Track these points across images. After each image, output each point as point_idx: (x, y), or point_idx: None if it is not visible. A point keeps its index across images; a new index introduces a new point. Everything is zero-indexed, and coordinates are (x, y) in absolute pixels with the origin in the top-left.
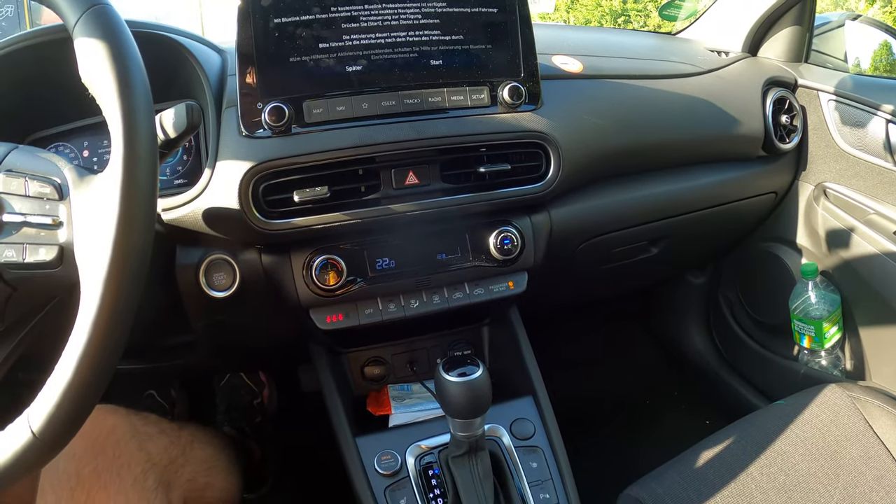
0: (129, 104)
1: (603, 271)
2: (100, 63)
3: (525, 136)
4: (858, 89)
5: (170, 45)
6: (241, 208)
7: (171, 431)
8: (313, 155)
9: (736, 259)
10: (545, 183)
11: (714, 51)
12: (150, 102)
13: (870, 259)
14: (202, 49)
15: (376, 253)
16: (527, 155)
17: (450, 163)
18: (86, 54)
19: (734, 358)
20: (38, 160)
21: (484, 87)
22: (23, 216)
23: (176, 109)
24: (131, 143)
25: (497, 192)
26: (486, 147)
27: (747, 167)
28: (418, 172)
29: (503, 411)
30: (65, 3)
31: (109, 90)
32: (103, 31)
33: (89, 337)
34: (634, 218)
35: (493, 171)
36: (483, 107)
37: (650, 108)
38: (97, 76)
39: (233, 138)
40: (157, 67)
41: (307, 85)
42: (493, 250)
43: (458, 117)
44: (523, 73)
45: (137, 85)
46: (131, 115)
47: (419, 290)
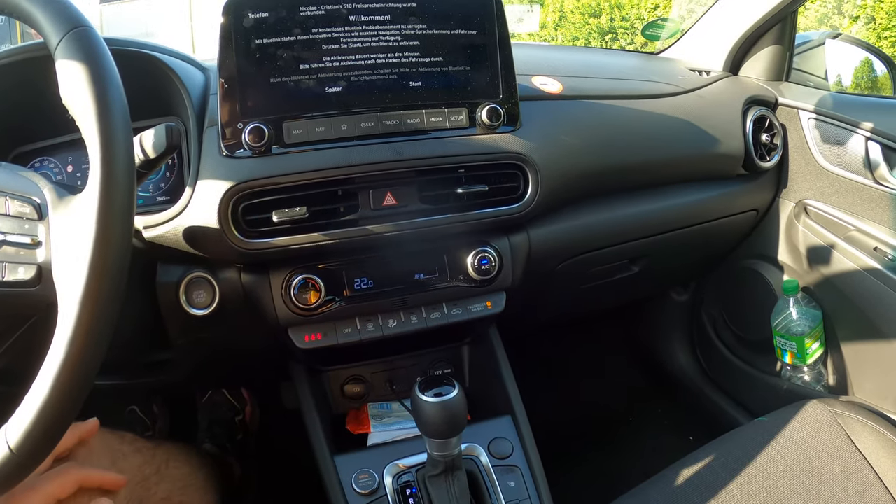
0: (107, 127)
1: (583, 290)
2: (79, 86)
3: (503, 157)
4: (838, 107)
5: (152, 63)
6: (221, 227)
7: (145, 450)
8: (292, 175)
9: (718, 276)
10: (523, 204)
11: (695, 70)
12: (128, 125)
13: (851, 275)
14: (185, 67)
15: (354, 273)
16: (505, 176)
17: (428, 184)
18: (66, 76)
19: (717, 374)
20: (19, 179)
21: (462, 109)
22: (2, 235)
23: (156, 130)
24: (109, 166)
25: (475, 213)
26: (464, 168)
27: (728, 185)
28: (396, 193)
29: (481, 430)
30: (47, 25)
31: (88, 113)
32: (84, 53)
33: (66, 355)
34: (614, 237)
35: (471, 192)
36: (461, 128)
37: (630, 129)
38: (76, 98)
39: (213, 157)
40: (140, 85)
41: (287, 106)
42: (470, 271)
43: (437, 138)
44: (502, 94)
45: (116, 108)
46: (109, 139)
47: (397, 310)
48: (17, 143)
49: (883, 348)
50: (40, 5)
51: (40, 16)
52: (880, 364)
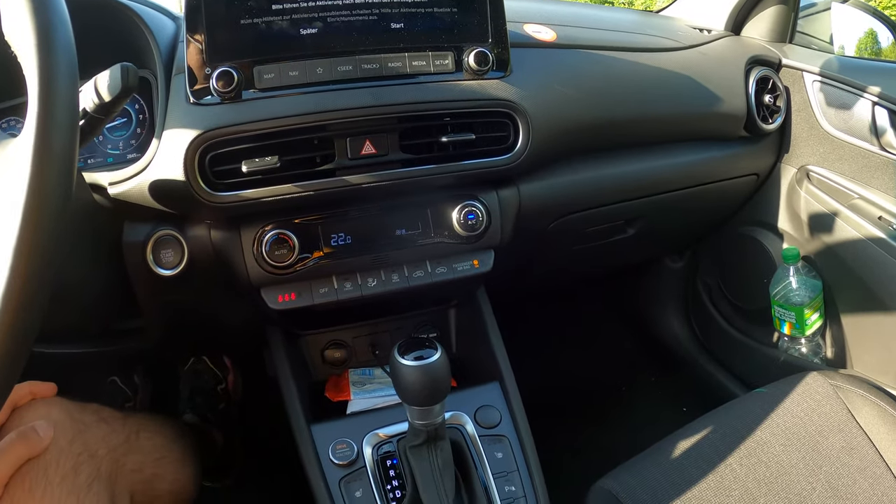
0: (48, 60)
1: (576, 251)
2: (20, 17)
3: (491, 104)
4: (844, 70)
5: (118, 9)
6: (187, 179)
7: (112, 420)
8: (263, 122)
9: (715, 243)
10: (513, 155)
11: (696, 28)
12: (72, 60)
13: (853, 244)
14: (153, 14)
15: (331, 228)
16: (493, 125)
17: (410, 132)
18: (8, 8)
19: (713, 344)
20: None
21: (448, 53)
22: None
23: (111, 71)
24: (46, 102)
25: (461, 164)
26: (449, 115)
27: (728, 147)
28: (375, 142)
29: (467, 398)
30: None
31: (27, 46)
32: None
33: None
34: (610, 196)
35: (457, 141)
36: (447, 73)
37: (626, 81)
38: (17, 32)
39: (180, 106)
40: (107, 34)
41: (259, 48)
42: (456, 226)
43: (420, 83)
44: (491, 38)
45: (58, 40)
46: (48, 72)
47: (377, 268)
48: None
49: (884, 321)
50: None
51: None
52: (881, 337)
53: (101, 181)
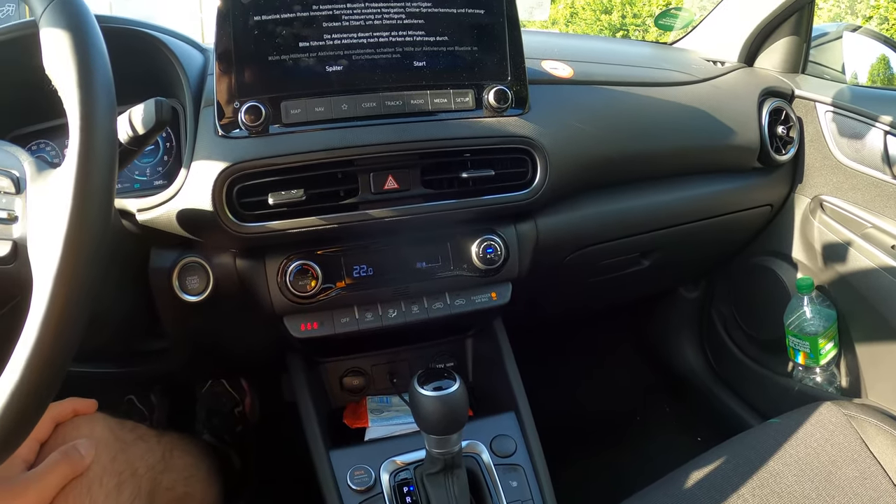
0: (89, 97)
1: (592, 283)
2: (62, 54)
3: (511, 141)
4: (856, 100)
5: (149, 41)
6: (215, 210)
7: (149, 438)
8: (289, 157)
9: (730, 272)
10: (531, 190)
11: (710, 60)
12: (111, 96)
13: (867, 274)
14: (183, 47)
15: (354, 259)
16: (512, 161)
17: (431, 167)
18: (49, 45)
19: (727, 373)
20: (2, 153)
21: (469, 90)
22: None
23: (145, 105)
24: (88, 138)
25: (480, 199)
26: (469, 152)
27: (742, 179)
28: (398, 177)
29: (483, 427)
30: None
31: (69, 83)
32: (68, 21)
33: (38, 337)
34: (625, 229)
35: (477, 177)
36: (467, 110)
37: (642, 116)
38: (58, 68)
39: (209, 138)
40: (137, 65)
41: (286, 84)
42: (475, 260)
43: (441, 120)
44: (510, 76)
45: (98, 78)
46: (90, 109)
47: (398, 300)
48: (14, 125)
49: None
50: None
51: None
52: (895, 366)
53: (130, 207)
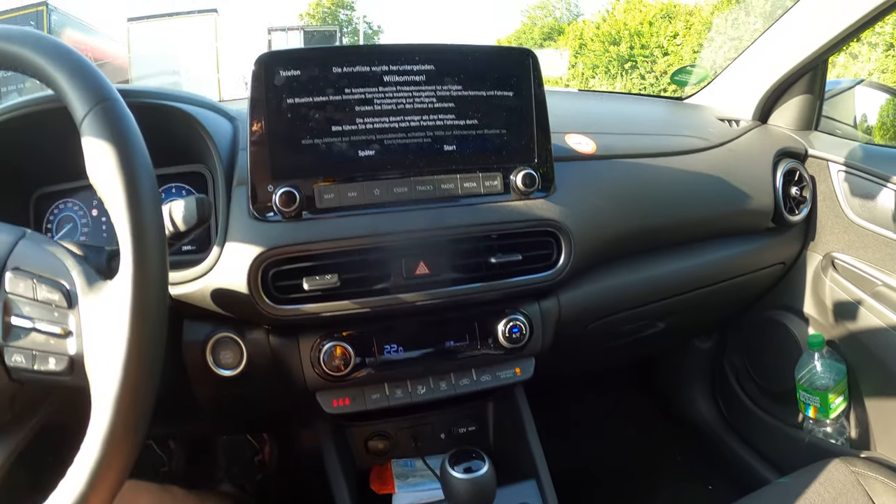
0: (138, 218)
1: (609, 347)
2: (107, 169)
3: (538, 224)
4: (869, 160)
5: (179, 116)
6: (250, 293)
7: (185, 498)
8: (324, 243)
9: (742, 325)
10: (555, 271)
11: (724, 119)
12: (158, 210)
13: (877, 332)
14: (212, 119)
15: (384, 339)
16: (538, 244)
17: (461, 252)
18: (93, 155)
19: (738, 424)
20: (46, 256)
21: (497, 174)
22: (31, 321)
23: (186, 203)
24: (140, 257)
25: (507, 282)
26: (498, 236)
27: (755, 240)
28: (429, 263)
29: (507, 495)
30: (74, 97)
31: (117, 200)
32: (111, 132)
33: (100, 456)
34: (644, 298)
35: (505, 262)
36: (496, 194)
37: (662, 189)
38: (104, 181)
39: (243, 219)
40: (167, 135)
41: (319, 169)
42: (501, 339)
43: (471, 205)
44: (537, 158)
45: (146, 197)
46: (140, 230)
47: (426, 376)
48: (40, 185)
49: None
50: (66, 72)
51: (65, 84)
52: None
53: None
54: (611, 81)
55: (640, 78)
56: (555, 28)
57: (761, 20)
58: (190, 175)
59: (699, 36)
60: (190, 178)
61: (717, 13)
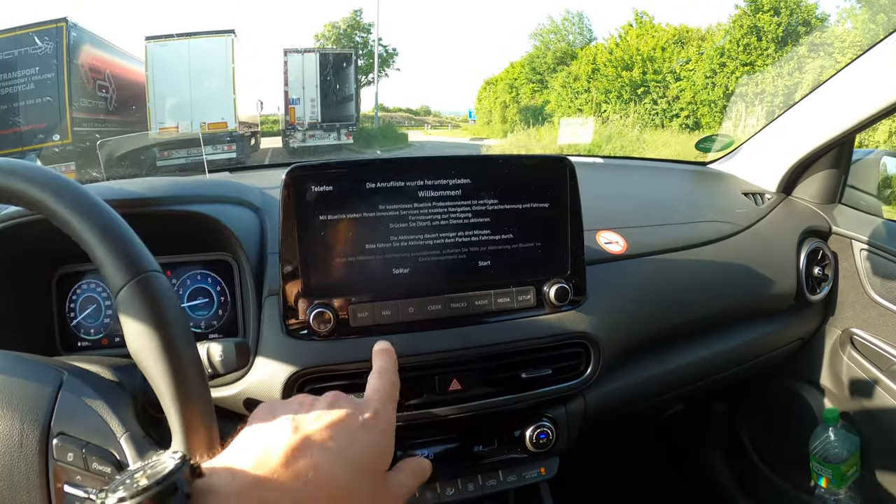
0: (187, 404)
1: (628, 428)
2: (149, 349)
3: (569, 337)
4: (892, 239)
5: (203, 220)
6: None
7: None
8: (359, 364)
9: (759, 392)
10: (583, 379)
11: (749, 193)
12: (207, 396)
13: (892, 411)
14: (237, 218)
15: (415, 446)
16: (568, 355)
17: (493, 369)
18: (133, 330)
19: (751, 487)
20: (90, 415)
21: (531, 288)
22: (83, 490)
23: (225, 347)
24: (191, 434)
25: (536, 392)
26: (529, 351)
27: (776, 321)
28: (461, 379)
29: None
30: (110, 265)
31: (163, 386)
32: (149, 308)
33: None
34: (668, 388)
35: (535, 377)
36: (529, 308)
37: (689, 283)
38: (148, 361)
39: (275, 336)
40: (194, 233)
41: (352, 287)
42: (528, 444)
43: (504, 321)
44: (570, 269)
45: (192, 382)
46: (188, 412)
47: (455, 478)
48: (62, 264)
49: None
50: (102, 238)
51: (100, 251)
52: None
53: None
54: (623, 107)
55: (652, 103)
56: (568, 52)
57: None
58: (216, 263)
59: (710, 62)
60: (216, 265)
61: (730, 38)
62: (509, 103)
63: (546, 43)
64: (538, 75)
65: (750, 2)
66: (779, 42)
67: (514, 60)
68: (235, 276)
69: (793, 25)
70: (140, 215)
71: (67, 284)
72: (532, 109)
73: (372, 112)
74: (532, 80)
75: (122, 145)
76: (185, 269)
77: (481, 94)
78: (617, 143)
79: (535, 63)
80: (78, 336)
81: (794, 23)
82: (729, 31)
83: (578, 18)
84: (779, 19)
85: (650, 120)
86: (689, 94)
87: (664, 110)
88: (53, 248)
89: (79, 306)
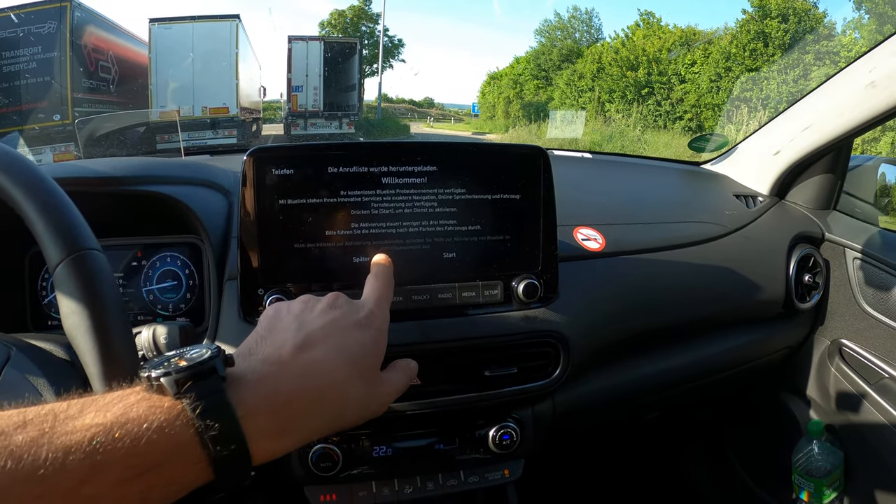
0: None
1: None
2: (81, 328)
3: (537, 335)
4: (886, 249)
5: (171, 202)
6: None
7: None
8: None
9: (744, 401)
10: (551, 381)
11: (741, 195)
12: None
13: (878, 426)
14: (205, 201)
15: (374, 442)
16: (536, 354)
17: (455, 366)
18: (66, 309)
19: (732, 496)
20: (32, 393)
21: (498, 283)
22: None
23: (169, 330)
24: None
25: (501, 392)
26: (494, 349)
27: (763, 328)
28: (421, 374)
29: None
30: (48, 241)
31: (91, 364)
32: (83, 286)
33: None
34: (644, 393)
35: (499, 375)
36: (495, 304)
37: (670, 285)
38: (78, 340)
39: (232, 321)
40: (163, 214)
41: (310, 274)
42: (491, 445)
43: (468, 316)
44: (541, 265)
45: (122, 362)
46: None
47: (414, 476)
48: (34, 243)
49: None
50: (42, 212)
51: (40, 225)
52: None
53: None
54: (626, 107)
55: (655, 104)
56: (574, 50)
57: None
58: (187, 246)
59: (716, 65)
60: (187, 249)
61: (737, 43)
62: (513, 99)
63: (552, 40)
64: (543, 72)
65: (758, 7)
66: (785, 49)
67: (519, 56)
68: (204, 260)
69: (800, 33)
70: (102, 194)
71: (40, 264)
72: (535, 105)
73: (376, 102)
74: (537, 76)
75: (103, 125)
76: (155, 251)
77: (485, 89)
78: (618, 143)
79: (541, 59)
80: (49, 315)
81: (802, 30)
82: (736, 36)
83: (588, 17)
84: (786, 26)
85: (653, 121)
86: (693, 97)
87: (668, 112)
88: (25, 228)
89: (50, 285)
